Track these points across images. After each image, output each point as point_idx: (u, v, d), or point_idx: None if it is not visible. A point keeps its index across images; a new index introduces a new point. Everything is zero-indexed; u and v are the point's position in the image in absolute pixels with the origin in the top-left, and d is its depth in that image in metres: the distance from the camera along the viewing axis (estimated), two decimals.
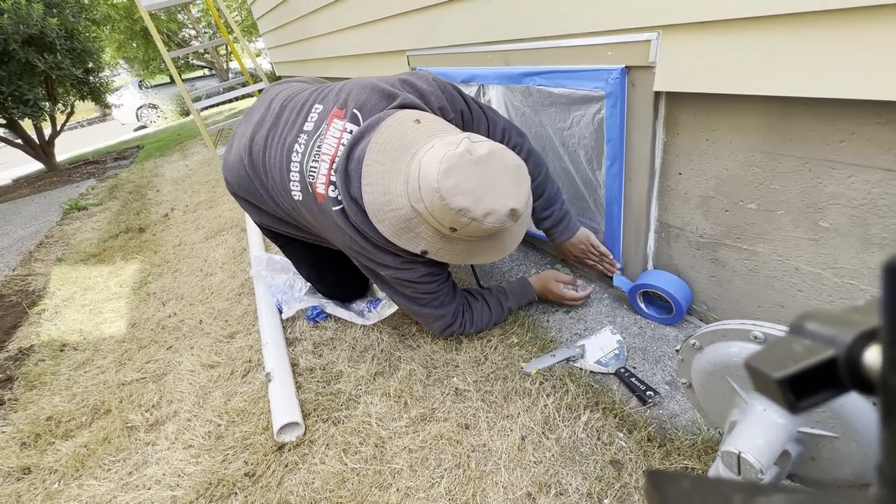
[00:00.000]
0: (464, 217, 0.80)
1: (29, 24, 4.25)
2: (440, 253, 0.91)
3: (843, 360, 0.16)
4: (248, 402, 1.13)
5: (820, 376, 0.17)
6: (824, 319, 0.18)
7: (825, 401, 0.17)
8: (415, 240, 0.89)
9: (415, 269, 0.99)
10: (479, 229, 0.83)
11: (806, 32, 0.62)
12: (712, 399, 0.56)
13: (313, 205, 0.98)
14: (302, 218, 1.06)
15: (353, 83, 1.01)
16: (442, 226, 0.85)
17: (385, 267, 0.99)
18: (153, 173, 4.30)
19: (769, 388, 0.18)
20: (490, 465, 0.86)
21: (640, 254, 1.14)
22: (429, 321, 1.11)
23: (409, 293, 1.05)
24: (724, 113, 0.83)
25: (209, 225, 2.46)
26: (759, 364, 0.18)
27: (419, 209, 0.84)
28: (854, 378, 0.16)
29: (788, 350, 0.18)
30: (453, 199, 0.79)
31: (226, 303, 1.62)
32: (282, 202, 1.07)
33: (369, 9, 1.83)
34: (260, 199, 1.13)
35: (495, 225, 0.82)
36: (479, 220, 0.81)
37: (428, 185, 0.80)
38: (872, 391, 0.16)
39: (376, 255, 0.97)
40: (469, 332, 1.16)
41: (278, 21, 3.29)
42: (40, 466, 1.08)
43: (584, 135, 1.10)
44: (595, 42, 0.96)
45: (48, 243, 2.83)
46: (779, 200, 0.82)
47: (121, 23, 9.62)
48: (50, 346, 1.60)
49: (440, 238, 0.88)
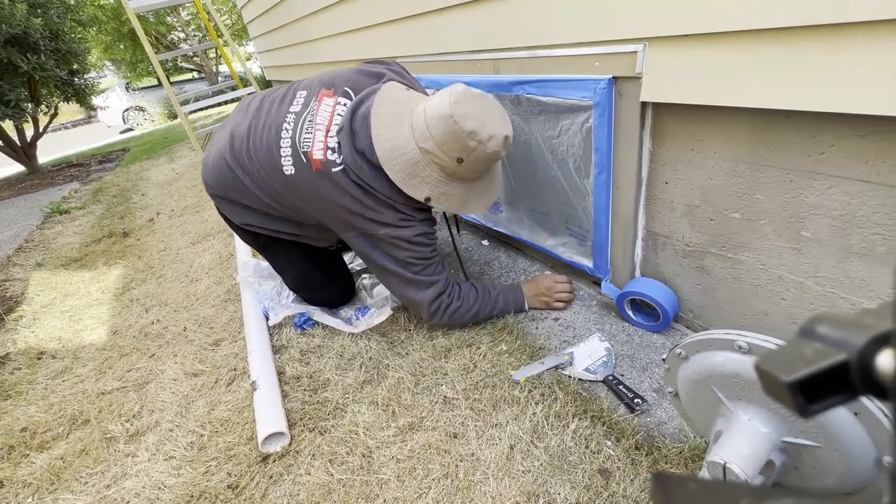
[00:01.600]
0: (472, 140, 0.92)
1: (12, 24, 4.17)
2: (442, 198, 1.01)
3: (856, 364, 0.16)
4: (233, 412, 1.10)
5: (831, 380, 0.16)
6: (836, 323, 0.17)
7: (836, 405, 0.17)
8: (420, 185, 0.98)
9: (412, 227, 1.04)
10: (482, 155, 0.95)
11: (787, 47, 0.64)
12: (698, 408, 0.56)
13: (308, 173, 1.02)
14: (291, 195, 1.07)
15: (335, 71, 1.12)
16: (449, 158, 0.95)
17: (383, 225, 1.02)
18: (139, 177, 4.23)
19: (779, 391, 0.17)
20: (478, 474, 0.85)
21: (627, 261, 1.15)
22: (422, 288, 1.10)
23: (404, 257, 1.05)
24: (708, 124, 0.84)
25: (195, 230, 2.43)
26: (769, 367, 0.18)
27: (427, 147, 0.95)
28: (866, 382, 0.16)
29: (799, 353, 0.17)
30: (465, 123, 0.91)
31: (211, 309, 1.59)
32: (269, 186, 1.08)
33: (361, 15, 1.83)
34: (242, 193, 1.13)
35: (496, 150, 0.95)
36: (485, 142, 0.93)
37: (441, 114, 0.92)
38: (885, 396, 0.15)
39: (377, 210, 1.01)
40: (458, 312, 1.15)
41: (269, 25, 3.28)
42: (13, 480, 1.04)
43: (573, 143, 1.11)
44: (583, 52, 0.97)
45: (28, 248, 2.76)
46: (762, 210, 0.83)
47: (108, 24, 9.49)
48: (27, 354, 1.56)
49: (443, 179, 0.99)
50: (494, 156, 0.98)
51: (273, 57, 3.69)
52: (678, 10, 0.74)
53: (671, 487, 0.18)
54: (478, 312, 1.19)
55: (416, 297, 1.12)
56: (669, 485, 0.18)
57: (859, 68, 0.58)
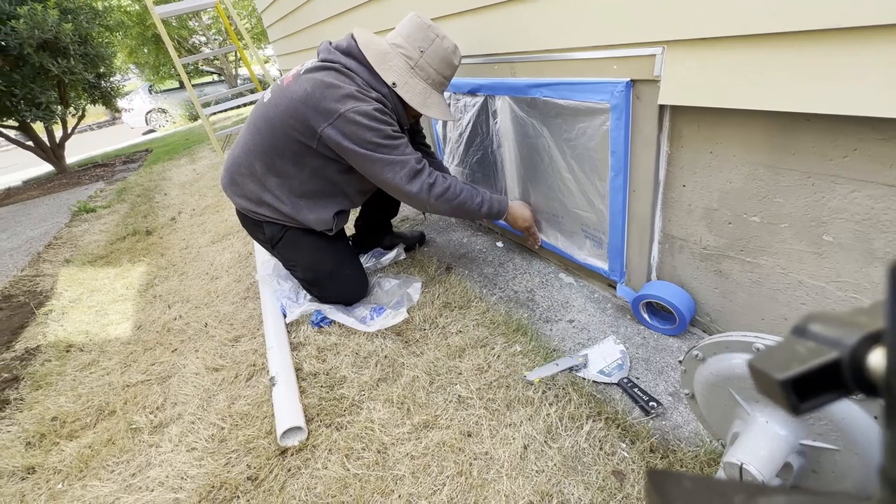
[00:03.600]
0: (432, 32, 1.18)
1: (44, 29, 4.34)
2: (406, 87, 1.20)
3: (847, 362, 0.16)
4: (252, 406, 1.13)
5: (823, 378, 0.17)
6: (828, 321, 0.18)
7: (828, 403, 0.17)
8: (388, 72, 1.19)
9: (369, 102, 1.15)
10: (439, 48, 1.19)
11: (808, 50, 0.64)
12: (715, 410, 0.56)
13: (281, 89, 1.22)
14: (271, 112, 1.21)
15: None
16: (413, 48, 1.19)
17: (347, 98, 1.13)
18: (161, 177, 4.35)
19: (772, 389, 0.18)
20: (492, 473, 0.86)
21: (643, 265, 1.15)
22: (396, 170, 1.18)
23: (370, 138, 1.14)
24: (727, 127, 0.84)
25: (216, 229, 2.49)
26: (762, 365, 0.18)
27: (396, 42, 1.20)
28: (858, 380, 0.16)
29: (792, 352, 0.18)
30: (427, 19, 1.19)
31: (231, 306, 1.63)
32: (254, 127, 1.26)
33: (378, 21, 1.86)
34: (249, 169, 1.28)
35: (450, 45, 1.21)
36: (442, 37, 1.19)
37: (408, 17, 1.20)
38: (876, 394, 0.16)
39: (344, 85, 1.14)
40: (447, 194, 1.23)
41: (289, 29, 3.35)
42: (45, 466, 1.09)
43: (589, 146, 1.11)
44: (601, 56, 0.98)
45: (57, 245, 2.86)
46: (782, 214, 0.82)
47: (133, 29, 9.79)
48: (56, 347, 1.62)
49: (407, 71, 1.20)
50: (449, 54, 1.21)
51: (291, 60, 3.76)
52: (698, 13, 0.75)
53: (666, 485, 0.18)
54: (465, 200, 1.26)
55: (395, 179, 1.19)
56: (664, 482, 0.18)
57: (883, 71, 0.58)
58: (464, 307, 1.36)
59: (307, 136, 1.18)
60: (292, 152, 1.22)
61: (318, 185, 1.28)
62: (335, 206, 1.33)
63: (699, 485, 0.17)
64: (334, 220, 1.34)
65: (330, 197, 1.32)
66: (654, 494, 0.18)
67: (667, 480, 0.18)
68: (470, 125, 1.56)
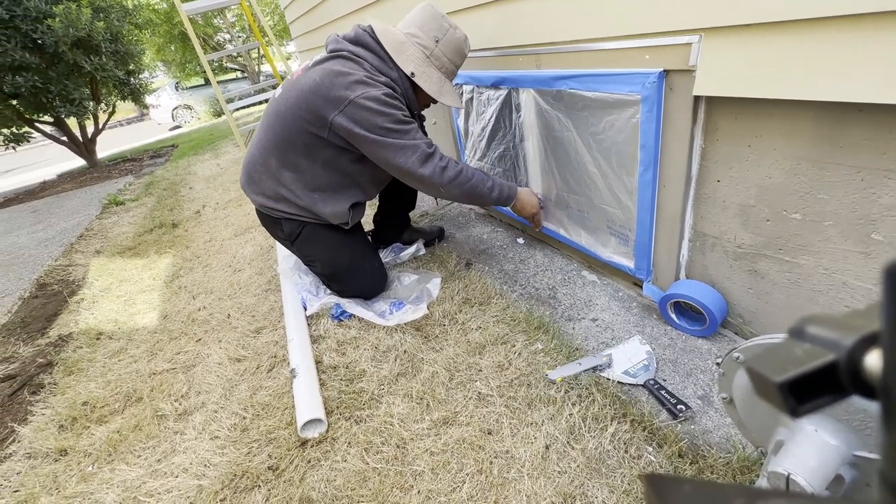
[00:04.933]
0: (445, 22, 1.21)
1: (78, 28, 4.49)
2: (423, 76, 1.23)
3: (844, 364, 0.16)
4: (273, 397, 1.14)
5: (821, 380, 0.17)
6: (825, 323, 0.18)
7: (826, 405, 0.17)
8: (406, 62, 1.21)
9: (378, 87, 1.15)
10: (452, 38, 1.22)
11: (864, 34, 0.59)
12: (755, 416, 0.53)
13: (291, 82, 1.24)
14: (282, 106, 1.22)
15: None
16: (428, 37, 1.21)
17: (356, 84, 1.13)
18: (186, 171, 4.46)
19: (770, 391, 0.18)
20: (513, 472, 0.84)
21: (672, 263, 1.11)
22: (408, 154, 1.17)
23: (382, 123, 1.14)
24: (768, 119, 0.80)
25: (238, 222, 2.53)
26: (760, 368, 0.18)
27: (411, 32, 1.22)
28: (855, 382, 0.16)
29: (789, 354, 0.18)
30: (439, 9, 1.22)
31: (253, 298, 1.66)
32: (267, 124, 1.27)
33: (398, 16, 1.85)
34: (265, 166, 1.29)
35: (462, 35, 1.24)
36: (455, 27, 1.23)
37: (420, 6, 1.23)
38: (873, 395, 0.16)
39: (353, 71, 1.15)
40: (459, 178, 1.23)
41: (309, 25, 3.37)
42: (76, 449, 1.13)
43: (617, 140, 1.08)
44: (631, 45, 0.94)
45: (88, 236, 2.96)
46: (826, 211, 0.78)
47: (161, 27, 10.05)
48: (87, 335, 1.67)
49: (424, 60, 1.22)
50: (461, 44, 1.25)
51: (313, 56, 3.79)
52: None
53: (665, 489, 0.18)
54: (477, 184, 1.26)
55: (407, 163, 1.18)
56: (663, 486, 0.18)
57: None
58: (484, 303, 1.34)
59: (318, 126, 1.18)
60: (304, 144, 1.22)
61: (332, 176, 1.28)
62: (350, 198, 1.33)
63: (699, 488, 0.17)
64: (350, 212, 1.33)
65: (344, 189, 1.32)
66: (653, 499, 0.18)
67: (666, 485, 0.18)
68: (492, 119, 1.54)
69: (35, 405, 1.34)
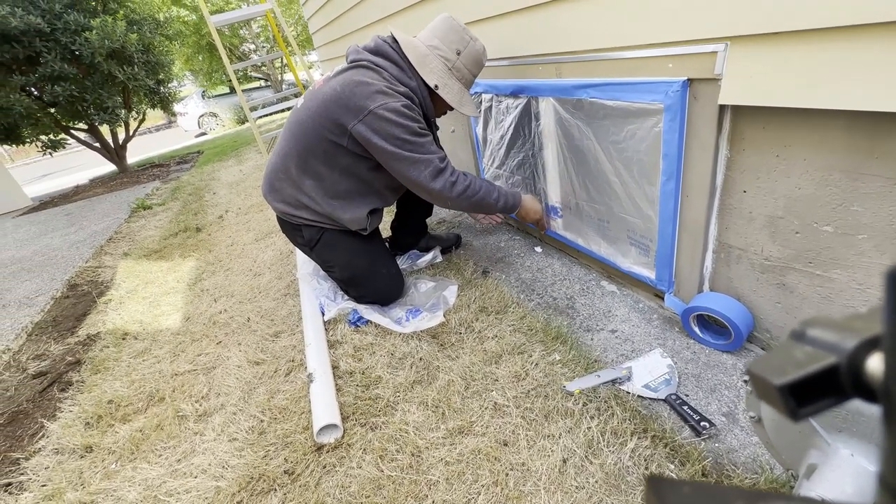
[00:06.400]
0: (466, 34, 1.24)
1: (113, 40, 4.70)
2: (446, 88, 1.26)
3: (846, 367, 0.16)
4: (290, 401, 1.16)
5: (822, 383, 0.17)
6: (827, 326, 0.18)
7: (827, 408, 0.17)
8: (430, 74, 1.24)
9: (397, 98, 1.18)
10: (473, 50, 1.26)
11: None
12: (786, 437, 0.51)
13: (313, 92, 1.27)
14: (303, 115, 1.26)
15: None
16: (450, 49, 1.24)
17: (376, 94, 1.16)
18: (211, 177, 4.59)
19: (770, 394, 0.18)
20: (529, 485, 0.83)
21: (695, 275, 1.08)
22: (421, 168, 1.21)
23: (399, 134, 1.17)
24: (798, 128, 0.77)
25: (259, 227, 2.59)
26: (760, 370, 0.18)
27: (433, 44, 1.24)
28: (856, 385, 0.16)
29: (790, 356, 0.18)
30: (460, 21, 1.25)
31: (272, 302, 1.69)
32: (289, 133, 1.30)
33: (419, 26, 1.87)
34: (286, 173, 1.32)
35: (480, 50, 1.27)
36: (475, 39, 1.26)
37: (441, 18, 1.26)
38: (874, 399, 0.16)
39: (374, 81, 1.18)
40: (467, 191, 1.27)
41: (332, 35, 3.45)
42: (101, 446, 1.16)
43: (639, 149, 1.06)
44: (654, 54, 0.93)
45: (117, 238, 3.07)
46: (860, 224, 0.75)
47: (189, 38, 10.43)
48: (114, 334, 1.72)
49: (446, 72, 1.26)
50: (480, 55, 1.28)
51: (334, 65, 3.88)
52: (768, 4, 0.69)
53: (665, 490, 0.18)
54: (484, 196, 1.31)
55: (419, 177, 1.22)
56: (663, 488, 0.18)
57: None
58: (500, 312, 1.33)
59: (337, 133, 1.21)
60: (323, 151, 1.25)
61: (350, 183, 1.31)
62: (368, 204, 1.36)
63: (698, 490, 0.17)
64: (368, 219, 1.36)
65: (362, 196, 1.34)
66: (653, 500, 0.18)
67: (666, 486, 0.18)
68: (512, 127, 1.54)
69: (63, 402, 1.38)
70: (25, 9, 4.22)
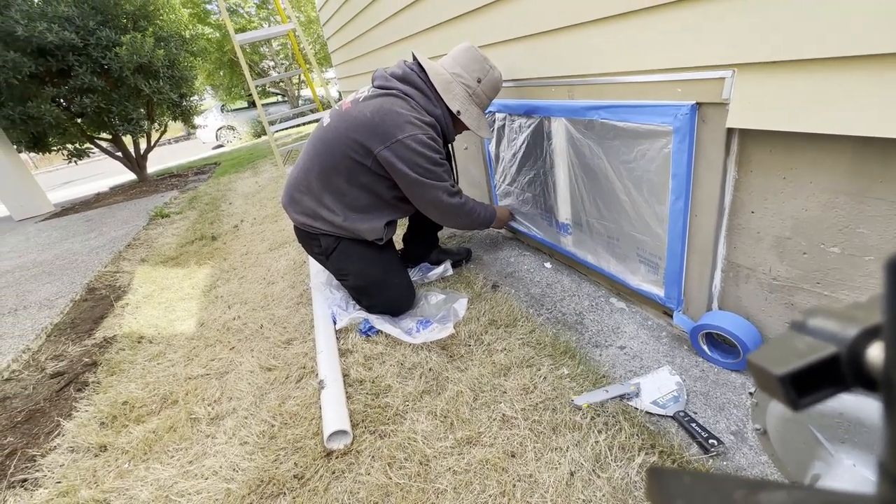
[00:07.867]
0: (486, 63, 1.35)
1: (141, 55, 4.91)
2: (467, 114, 1.37)
3: (846, 356, 0.16)
4: (301, 407, 1.17)
5: (822, 373, 0.17)
6: (827, 316, 0.18)
7: (827, 398, 0.17)
8: (453, 100, 1.35)
9: (425, 131, 1.29)
10: (492, 79, 1.37)
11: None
12: (791, 449, 0.52)
13: (341, 113, 1.34)
14: (330, 135, 1.33)
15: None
16: (472, 77, 1.35)
17: (406, 125, 1.26)
18: (227, 188, 4.70)
19: (771, 384, 0.18)
20: (536, 497, 0.83)
21: (704, 293, 1.10)
22: (439, 193, 1.36)
23: (422, 163, 1.29)
24: (804, 152, 0.80)
25: (273, 237, 2.64)
26: (761, 361, 0.18)
27: (456, 72, 1.35)
28: (857, 375, 0.16)
29: (791, 347, 0.18)
30: (480, 51, 1.36)
31: (285, 310, 1.72)
32: (313, 148, 1.38)
33: (436, 45, 1.95)
34: (307, 187, 1.39)
35: (499, 78, 1.39)
36: (494, 67, 1.36)
37: (463, 47, 1.36)
38: (875, 388, 0.16)
39: (404, 112, 1.27)
40: (465, 211, 1.45)
41: (351, 54, 3.57)
42: (115, 446, 1.18)
43: (648, 169, 1.09)
44: (664, 79, 0.97)
45: (135, 245, 3.15)
46: (867, 245, 0.76)
47: (212, 54, 10.82)
48: (130, 338, 1.77)
49: (468, 99, 1.37)
50: (498, 83, 1.40)
51: (351, 82, 4.00)
52: (773, 35, 0.73)
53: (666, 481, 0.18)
54: (477, 214, 1.51)
55: (436, 198, 1.36)
56: (664, 478, 0.18)
57: None
58: (509, 326, 1.35)
59: (362, 154, 1.29)
60: (346, 168, 1.33)
61: (369, 198, 1.39)
62: (385, 216, 1.43)
63: (699, 480, 0.18)
64: (385, 229, 1.42)
65: (380, 209, 1.42)
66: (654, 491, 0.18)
67: (667, 477, 0.18)
68: (524, 146, 1.58)
69: (79, 402, 1.41)
70: (62, 25, 4.43)
